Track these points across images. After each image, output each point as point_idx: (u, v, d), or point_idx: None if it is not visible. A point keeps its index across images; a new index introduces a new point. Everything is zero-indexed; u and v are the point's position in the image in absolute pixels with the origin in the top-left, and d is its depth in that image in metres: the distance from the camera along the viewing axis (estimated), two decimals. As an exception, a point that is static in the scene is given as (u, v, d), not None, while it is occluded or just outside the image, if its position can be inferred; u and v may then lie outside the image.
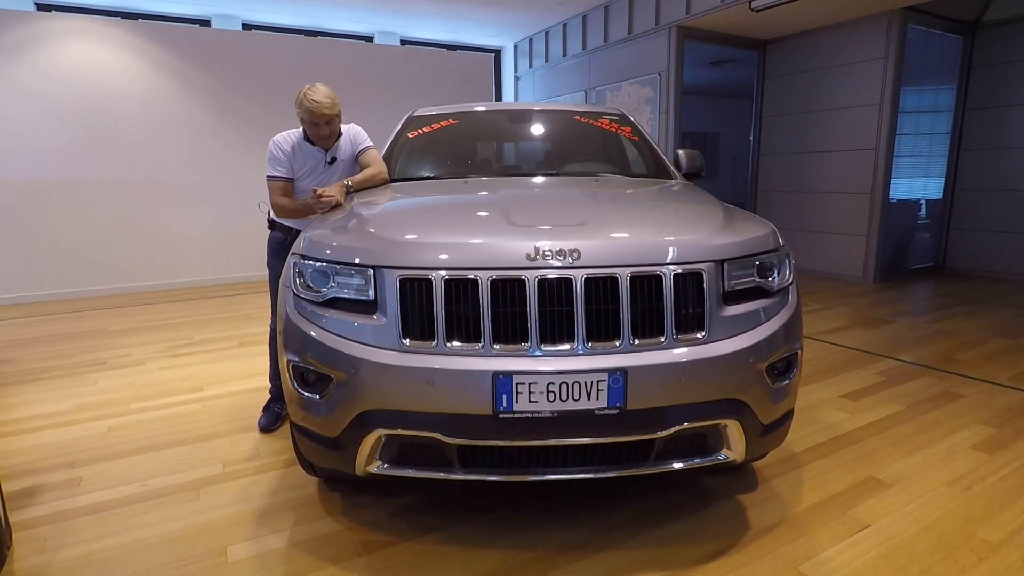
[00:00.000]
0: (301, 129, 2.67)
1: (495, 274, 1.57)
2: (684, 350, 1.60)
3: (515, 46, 9.07)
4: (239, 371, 3.69)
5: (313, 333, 1.70)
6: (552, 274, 1.57)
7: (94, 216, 6.19)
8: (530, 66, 8.80)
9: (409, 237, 1.70)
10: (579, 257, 1.59)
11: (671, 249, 1.65)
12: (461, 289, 1.59)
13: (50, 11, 6.32)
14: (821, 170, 6.55)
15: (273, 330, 2.84)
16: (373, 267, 1.67)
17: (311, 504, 2.17)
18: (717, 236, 1.74)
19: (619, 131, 3.14)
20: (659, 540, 1.91)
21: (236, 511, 2.13)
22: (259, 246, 3.06)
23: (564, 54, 8.00)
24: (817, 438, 2.63)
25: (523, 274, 1.57)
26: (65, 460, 2.54)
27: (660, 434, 1.61)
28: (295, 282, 1.81)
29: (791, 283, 1.88)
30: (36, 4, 6.46)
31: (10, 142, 5.75)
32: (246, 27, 7.39)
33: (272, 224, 2.79)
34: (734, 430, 1.70)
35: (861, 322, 4.65)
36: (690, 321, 1.64)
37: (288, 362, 1.77)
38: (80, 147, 6.03)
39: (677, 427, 1.62)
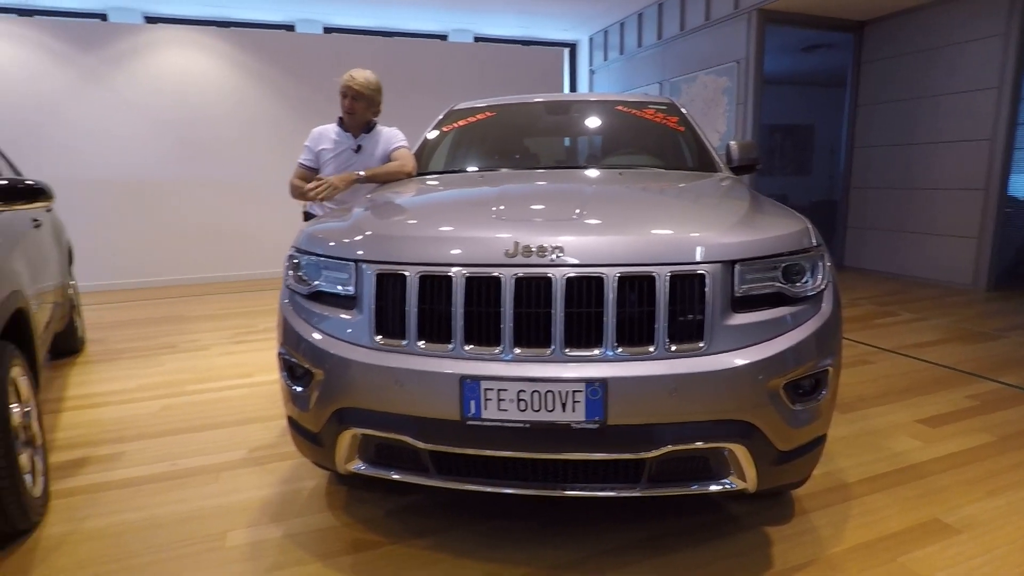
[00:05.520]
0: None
1: (470, 271, 1.47)
2: (676, 362, 1.42)
3: (590, 39, 8.85)
4: (289, 360, 3.83)
5: (298, 327, 1.69)
6: (530, 272, 1.45)
7: (184, 213, 6.70)
8: (605, 59, 8.54)
9: (387, 230, 1.64)
10: (562, 254, 1.45)
11: (668, 247, 1.47)
12: (435, 286, 1.51)
13: (156, 23, 6.92)
14: (924, 164, 5.83)
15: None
16: (355, 261, 1.62)
17: (317, 496, 2.17)
18: (729, 234, 1.54)
19: (665, 121, 2.92)
20: (664, 569, 1.73)
21: (247, 497, 2.18)
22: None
23: (639, 45, 7.69)
24: (877, 468, 2.30)
25: (499, 272, 1.46)
26: (114, 435, 2.73)
27: (648, 454, 1.44)
28: (288, 274, 1.81)
29: (825, 288, 1.63)
30: (145, 17, 7.10)
31: (116, 144, 6.35)
32: (327, 31, 7.71)
33: (307, 216, 2.86)
34: (741, 455, 1.49)
35: (961, 336, 4.07)
36: (689, 329, 1.46)
37: (279, 354, 1.77)
38: (174, 151, 6.55)
39: (670, 447, 1.44)
